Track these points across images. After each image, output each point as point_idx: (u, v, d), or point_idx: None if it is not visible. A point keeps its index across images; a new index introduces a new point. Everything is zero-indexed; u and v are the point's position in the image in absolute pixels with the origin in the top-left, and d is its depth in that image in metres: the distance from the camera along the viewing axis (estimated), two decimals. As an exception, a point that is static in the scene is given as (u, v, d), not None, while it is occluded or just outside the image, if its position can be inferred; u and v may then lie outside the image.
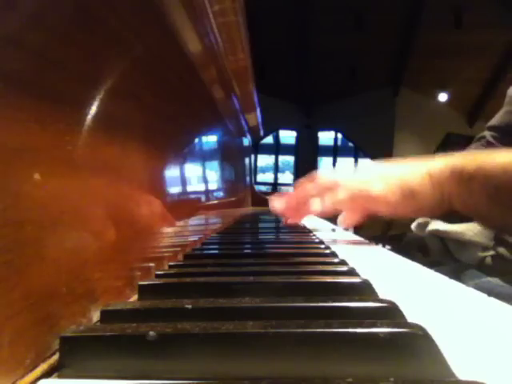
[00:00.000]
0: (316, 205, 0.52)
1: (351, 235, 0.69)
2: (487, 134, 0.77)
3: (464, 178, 0.44)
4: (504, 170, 0.42)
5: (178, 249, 0.43)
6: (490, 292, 0.29)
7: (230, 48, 0.68)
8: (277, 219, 0.95)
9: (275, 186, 8.32)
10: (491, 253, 0.64)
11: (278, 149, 8.35)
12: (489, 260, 0.63)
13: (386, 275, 0.36)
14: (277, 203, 0.56)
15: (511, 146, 0.67)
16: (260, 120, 1.33)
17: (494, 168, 0.43)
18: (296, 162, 8.29)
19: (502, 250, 0.61)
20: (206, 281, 0.27)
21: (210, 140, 0.74)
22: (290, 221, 0.60)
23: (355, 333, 0.17)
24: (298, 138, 8.20)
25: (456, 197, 0.46)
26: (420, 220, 0.88)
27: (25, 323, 0.17)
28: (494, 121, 0.75)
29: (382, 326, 0.17)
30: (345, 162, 8.19)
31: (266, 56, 5.84)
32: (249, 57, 0.77)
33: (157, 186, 0.39)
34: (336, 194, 0.50)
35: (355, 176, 0.52)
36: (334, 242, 0.59)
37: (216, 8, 0.54)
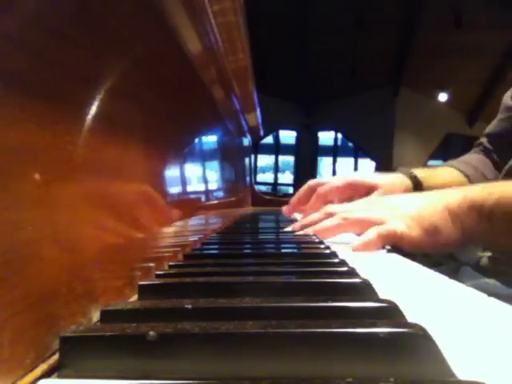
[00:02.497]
0: (354, 244, 0.50)
1: (351, 235, 0.69)
2: (484, 140, 0.77)
3: (484, 214, 0.45)
4: None
5: (178, 249, 0.43)
6: (489, 293, 0.29)
7: (230, 48, 0.68)
8: (277, 219, 0.95)
9: (275, 186, 8.33)
10: (488, 254, 0.64)
11: (278, 149, 8.35)
12: (487, 261, 0.63)
13: (386, 275, 0.36)
14: (296, 226, 0.58)
15: (507, 153, 0.67)
16: (260, 120, 1.33)
17: (510, 201, 0.43)
18: (296, 161, 8.29)
19: (497, 252, 0.61)
20: (206, 281, 0.27)
21: (210, 140, 0.74)
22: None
23: (355, 333, 0.17)
24: (297, 138, 8.21)
25: (477, 232, 0.46)
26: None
27: (25, 323, 0.17)
28: (490, 128, 0.76)
29: (381, 325, 0.17)
30: (345, 162, 8.19)
31: (266, 56, 5.84)
32: (249, 57, 0.77)
33: (157, 186, 0.39)
34: (366, 234, 0.49)
35: (375, 215, 0.51)
36: (334, 242, 0.59)
37: (216, 8, 0.54)
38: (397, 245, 0.49)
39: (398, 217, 0.49)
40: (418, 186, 0.69)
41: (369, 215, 0.51)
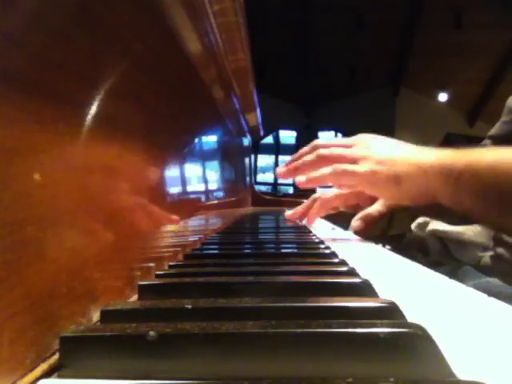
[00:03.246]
0: (302, 178, 0.56)
1: (351, 235, 0.69)
2: (488, 142, 0.77)
3: (452, 176, 0.45)
4: (491, 168, 0.43)
5: (178, 249, 0.43)
6: (490, 292, 0.29)
7: (230, 48, 0.68)
8: (277, 219, 0.95)
9: (275, 186, 8.32)
10: (490, 253, 0.64)
11: (278, 149, 8.34)
12: (488, 260, 0.63)
13: (386, 275, 0.36)
14: (283, 166, 0.61)
15: None
16: (260, 120, 1.33)
17: (481, 166, 0.43)
18: (296, 162, 8.28)
19: (500, 250, 0.61)
20: (206, 281, 0.27)
21: (210, 140, 0.74)
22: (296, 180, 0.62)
23: (355, 333, 0.17)
24: (297, 138, 8.20)
25: (442, 193, 0.47)
26: (420, 220, 0.88)
27: (25, 323, 0.17)
28: (493, 130, 0.76)
29: (382, 326, 0.17)
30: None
31: (266, 56, 5.84)
32: (249, 57, 0.77)
33: (157, 186, 0.39)
34: (323, 169, 0.53)
35: (350, 152, 0.54)
36: (334, 241, 0.59)
37: (216, 8, 0.54)
38: (356, 186, 0.54)
39: (369, 158, 0.52)
40: None
41: (343, 152, 0.54)
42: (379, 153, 0.52)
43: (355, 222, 0.67)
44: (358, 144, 0.55)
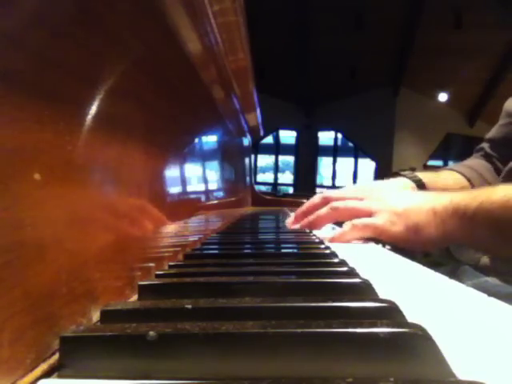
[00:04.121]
0: (342, 230, 0.56)
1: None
2: (485, 145, 0.77)
3: (466, 218, 0.47)
4: (502, 204, 0.45)
5: (178, 249, 0.43)
6: (489, 292, 0.29)
7: (230, 48, 0.68)
8: (277, 219, 0.95)
9: (275, 186, 8.33)
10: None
11: (278, 149, 8.35)
12: (487, 260, 0.63)
13: (386, 275, 0.36)
14: (291, 221, 0.63)
15: (508, 158, 0.68)
16: (260, 120, 1.33)
17: (493, 204, 0.46)
18: (296, 162, 8.29)
19: None
20: (206, 281, 0.27)
21: (210, 140, 0.74)
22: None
23: (355, 333, 0.17)
24: (297, 138, 8.21)
25: (459, 233, 0.49)
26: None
27: (25, 323, 0.17)
28: (491, 133, 0.77)
29: (382, 326, 0.17)
30: (345, 162, 8.20)
31: (265, 56, 5.84)
32: (249, 57, 0.77)
33: (157, 186, 0.39)
34: (344, 229, 0.55)
35: (364, 205, 0.56)
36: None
37: (216, 8, 0.54)
38: (377, 238, 0.55)
39: (385, 211, 0.53)
40: (422, 188, 0.70)
41: (358, 205, 0.56)
42: (394, 204, 0.53)
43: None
44: (369, 197, 0.57)
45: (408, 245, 0.53)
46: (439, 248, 0.74)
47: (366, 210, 0.55)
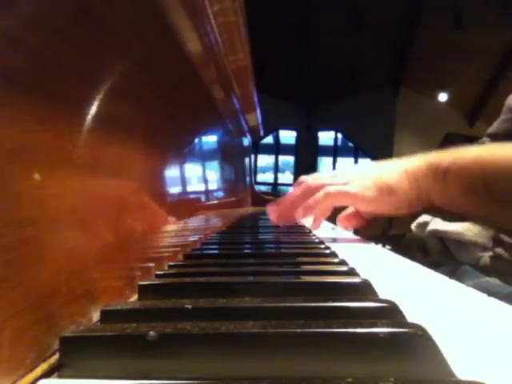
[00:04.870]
0: (300, 212, 0.55)
1: (351, 235, 0.69)
2: (486, 140, 0.77)
3: (439, 173, 0.46)
4: (476, 161, 0.43)
5: (178, 249, 0.43)
6: (489, 292, 0.29)
7: (230, 48, 0.68)
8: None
9: (275, 186, 8.33)
10: (490, 253, 0.64)
11: (278, 149, 8.35)
12: (487, 260, 0.63)
13: (386, 275, 0.36)
14: (271, 213, 0.61)
15: None
16: (260, 120, 1.33)
17: (467, 160, 0.44)
18: (296, 162, 8.29)
19: (499, 250, 0.61)
20: (206, 281, 0.27)
21: (210, 140, 0.74)
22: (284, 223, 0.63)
23: (355, 333, 0.17)
24: (297, 138, 8.20)
25: (433, 192, 0.47)
26: (420, 220, 0.88)
27: (25, 323, 0.17)
28: (492, 128, 0.76)
29: (382, 325, 0.17)
30: (345, 162, 8.20)
31: (266, 56, 5.84)
32: (249, 57, 0.77)
33: (157, 186, 0.39)
34: (315, 195, 0.54)
35: (335, 178, 0.56)
36: (334, 241, 0.59)
37: (216, 8, 0.54)
38: (352, 205, 0.55)
39: (358, 178, 0.53)
40: None
41: (334, 181, 0.55)
42: (367, 171, 0.54)
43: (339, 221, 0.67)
44: (340, 174, 0.57)
45: (384, 210, 0.52)
46: (438, 247, 0.74)
47: (338, 183, 0.54)
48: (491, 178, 0.42)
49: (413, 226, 0.92)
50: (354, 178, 0.54)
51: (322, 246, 0.46)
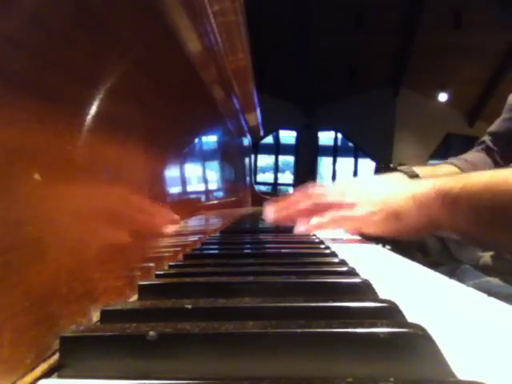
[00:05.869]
0: (301, 226, 0.56)
1: (351, 235, 0.69)
2: (487, 138, 0.77)
3: (448, 200, 0.45)
4: (487, 188, 0.42)
5: (178, 249, 0.43)
6: (490, 292, 0.29)
7: (230, 48, 0.68)
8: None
9: (275, 186, 8.33)
10: (491, 253, 0.64)
11: (278, 149, 8.35)
12: (488, 260, 0.63)
13: (386, 275, 0.36)
14: (268, 214, 0.59)
15: (509, 153, 0.67)
16: (260, 120, 1.33)
17: (476, 187, 0.43)
18: (296, 162, 8.29)
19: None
20: (206, 281, 0.27)
21: (210, 140, 0.74)
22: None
23: (355, 333, 0.17)
24: (297, 138, 8.20)
25: (443, 218, 0.47)
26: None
27: (25, 323, 0.17)
28: (493, 127, 0.76)
29: (382, 326, 0.17)
30: (345, 162, 8.20)
31: (266, 56, 5.84)
32: (249, 57, 0.77)
33: (157, 186, 0.39)
34: (323, 217, 0.54)
35: (342, 197, 0.55)
36: (334, 241, 0.59)
37: (216, 8, 0.54)
38: (359, 230, 0.55)
39: (364, 202, 0.53)
40: None
41: (341, 200, 0.55)
42: (373, 194, 0.53)
43: None
44: (348, 190, 0.57)
45: (391, 234, 0.52)
46: (438, 247, 0.74)
47: (346, 203, 0.54)
48: (500, 204, 0.41)
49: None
50: (361, 199, 0.54)
51: (322, 246, 0.46)
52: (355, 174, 8.01)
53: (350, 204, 0.54)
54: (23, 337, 0.17)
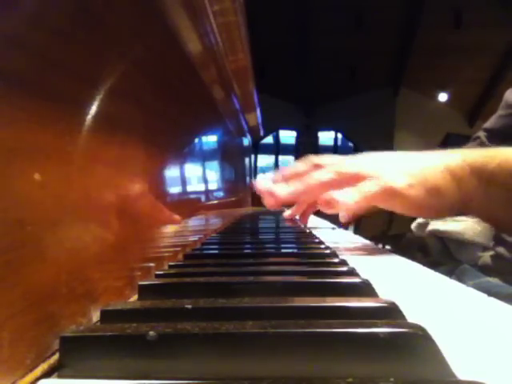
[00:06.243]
0: (344, 197, 0.41)
1: (351, 235, 0.69)
2: (482, 134, 0.77)
3: (483, 179, 0.41)
4: None
5: (178, 249, 0.43)
6: (490, 292, 0.29)
7: (230, 48, 0.68)
8: (277, 219, 0.95)
9: (275, 186, 8.31)
10: (491, 253, 0.65)
11: (278, 149, 8.35)
12: (488, 260, 0.63)
13: (386, 275, 0.36)
14: (270, 196, 0.47)
15: None
16: (260, 120, 1.33)
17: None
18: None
19: (501, 249, 0.61)
20: (206, 281, 0.27)
21: (210, 140, 0.74)
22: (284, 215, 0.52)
23: (355, 333, 0.17)
24: (297, 138, 8.20)
25: (475, 196, 0.42)
26: (420, 220, 0.88)
27: (25, 323, 0.17)
28: (489, 123, 0.76)
29: (382, 326, 0.17)
30: (345, 162, 8.18)
31: (266, 56, 5.84)
32: (249, 57, 0.77)
33: (157, 186, 0.39)
34: (365, 186, 0.42)
35: (372, 169, 0.44)
36: (334, 241, 0.59)
37: (216, 8, 0.54)
38: (391, 207, 0.43)
39: (398, 172, 0.43)
40: None
41: (366, 169, 0.44)
42: (407, 164, 0.44)
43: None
44: (367, 161, 0.46)
45: (426, 214, 0.46)
46: (438, 247, 0.74)
47: (374, 173, 0.43)
48: None
49: (413, 226, 0.93)
50: (392, 170, 0.43)
51: (322, 246, 0.46)
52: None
53: (377, 174, 0.42)
54: (23, 337, 0.17)
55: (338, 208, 0.43)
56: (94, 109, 0.25)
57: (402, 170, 0.43)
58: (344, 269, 0.31)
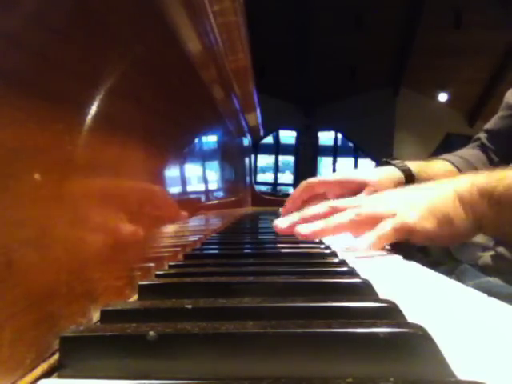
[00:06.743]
0: (365, 243, 0.44)
1: (351, 235, 0.69)
2: (482, 136, 0.77)
3: (493, 201, 0.43)
4: None
5: (178, 249, 0.43)
6: (490, 292, 0.29)
7: (230, 48, 0.68)
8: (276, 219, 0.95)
9: (275, 186, 8.33)
10: (491, 253, 0.64)
11: (278, 149, 8.35)
12: (488, 260, 0.63)
13: (386, 275, 0.36)
14: (286, 223, 0.48)
15: (504, 151, 0.67)
16: (260, 120, 1.33)
17: None
18: (296, 162, 8.29)
19: (501, 249, 0.61)
20: (206, 281, 0.27)
21: (210, 140, 0.74)
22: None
23: (355, 333, 0.17)
24: (297, 138, 8.20)
25: (486, 220, 0.44)
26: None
27: (25, 323, 0.17)
28: (490, 124, 0.76)
29: (381, 326, 0.17)
30: (345, 162, 8.20)
31: (266, 56, 5.84)
32: (249, 57, 0.77)
33: (157, 186, 0.39)
34: (381, 228, 0.44)
35: (386, 208, 0.46)
36: (333, 241, 0.59)
37: (216, 8, 0.54)
38: (409, 238, 0.45)
39: (411, 208, 0.45)
40: (410, 178, 0.68)
41: (381, 209, 0.46)
42: (415, 198, 0.46)
43: None
44: (380, 199, 0.49)
45: (443, 240, 0.47)
46: (438, 247, 0.73)
47: (391, 213, 0.45)
48: None
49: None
50: (404, 207, 0.45)
51: (322, 246, 0.46)
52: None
53: (393, 213, 0.45)
54: (23, 337, 0.17)
55: (378, 245, 0.45)
56: (93, 109, 0.25)
57: (414, 205, 0.46)
58: (344, 269, 0.31)
